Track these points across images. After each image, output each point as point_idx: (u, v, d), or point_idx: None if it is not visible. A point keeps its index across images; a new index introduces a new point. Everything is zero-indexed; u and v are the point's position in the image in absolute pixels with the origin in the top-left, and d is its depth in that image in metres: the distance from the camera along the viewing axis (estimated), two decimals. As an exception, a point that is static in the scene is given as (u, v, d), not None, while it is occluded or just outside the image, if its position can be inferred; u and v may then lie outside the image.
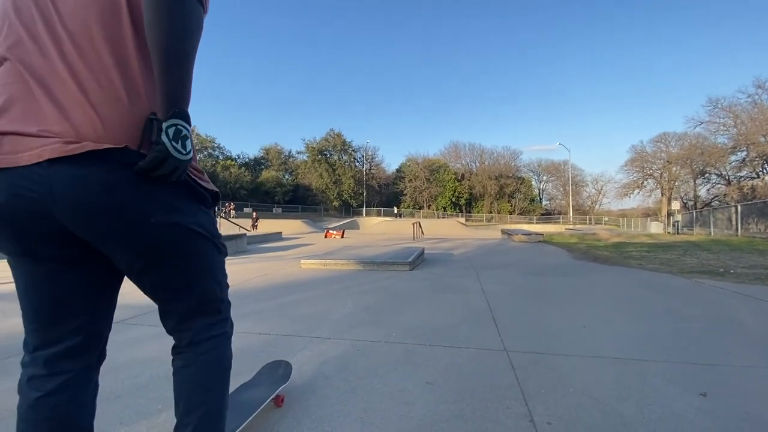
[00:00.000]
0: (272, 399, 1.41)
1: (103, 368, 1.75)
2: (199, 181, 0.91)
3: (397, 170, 60.05)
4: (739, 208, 14.29)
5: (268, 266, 5.71)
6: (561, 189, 57.77)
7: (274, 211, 42.46)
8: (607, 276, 5.01)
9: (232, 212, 29.67)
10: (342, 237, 15.29)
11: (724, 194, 38.43)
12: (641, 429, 1.34)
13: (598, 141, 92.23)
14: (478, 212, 54.66)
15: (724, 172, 40.79)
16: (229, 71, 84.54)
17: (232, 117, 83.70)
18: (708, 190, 42.81)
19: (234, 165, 50.03)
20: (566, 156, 56.54)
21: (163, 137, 0.72)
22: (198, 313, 0.96)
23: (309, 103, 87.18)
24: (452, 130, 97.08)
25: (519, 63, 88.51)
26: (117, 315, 2.78)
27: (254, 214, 29.16)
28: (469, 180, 56.14)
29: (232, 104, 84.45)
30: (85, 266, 0.83)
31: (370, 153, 57.80)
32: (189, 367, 0.94)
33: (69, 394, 0.83)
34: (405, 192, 55.54)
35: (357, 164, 56.66)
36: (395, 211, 42.83)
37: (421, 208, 54.35)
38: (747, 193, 35.25)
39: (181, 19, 0.72)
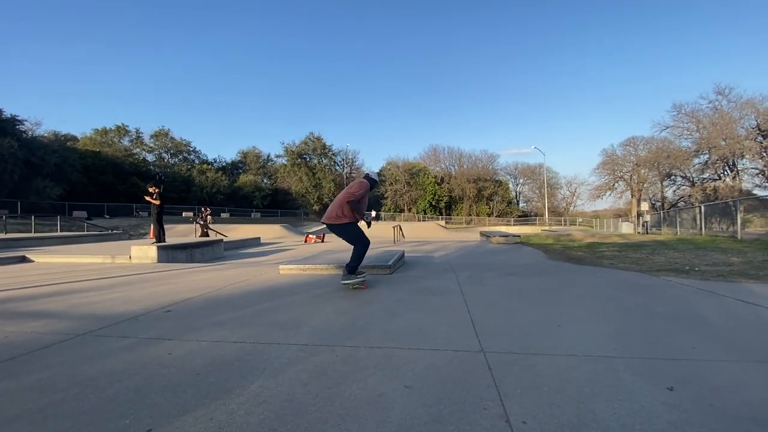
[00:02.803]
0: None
1: (71, 382, 1.67)
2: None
3: (378, 174, 60.05)
4: (702, 208, 15.02)
5: (246, 272, 5.60)
6: (537, 191, 59.28)
7: (252, 216, 41.73)
8: (580, 276, 5.16)
9: (209, 218, 29.01)
10: (322, 241, 15.15)
11: (689, 195, 40.37)
12: (612, 424, 1.37)
13: (572, 145, 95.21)
14: (457, 215, 55.37)
15: (688, 174, 42.88)
16: (204, 73, 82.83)
17: (208, 120, 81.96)
18: (674, 191, 44.91)
19: (211, 169, 48.93)
20: (541, 159, 58.08)
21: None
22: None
23: (288, 107, 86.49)
24: (432, 134, 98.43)
25: (495, 70, 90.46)
26: (85, 326, 2.66)
27: (204, 210, 28.23)
28: (448, 183, 56.85)
29: (208, 107, 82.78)
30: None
31: (350, 157, 57.81)
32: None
33: None
34: (386, 195, 55.69)
35: (337, 168, 56.51)
36: (373, 215, 42.75)
37: (401, 211, 54.61)
38: (710, 194, 37.12)
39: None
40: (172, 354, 2.15)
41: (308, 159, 55.49)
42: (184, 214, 32.19)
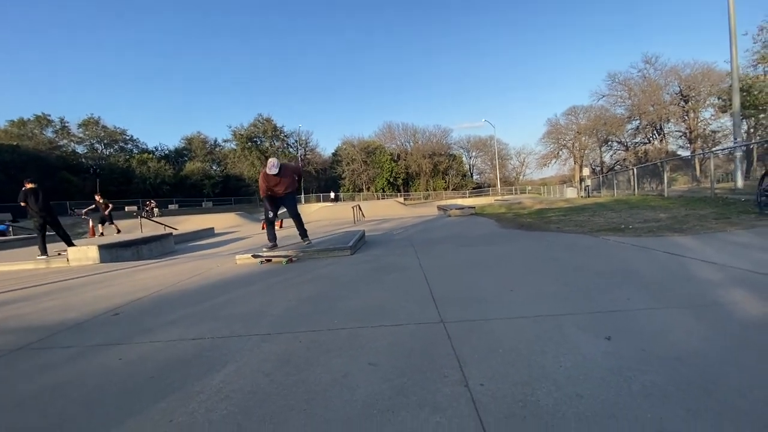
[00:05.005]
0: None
1: (8, 403, 1.54)
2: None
3: (334, 154, 59.19)
4: (635, 170, 16.35)
5: (200, 265, 5.36)
6: (489, 163, 61.37)
7: (203, 206, 39.69)
8: (530, 241, 5.48)
9: (155, 210, 27.17)
10: (281, 227, 14.81)
11: (624, 159, 43.77)
12: (559, 377, 1.50)
13: (520, 116, 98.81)
14: (415, 191, 56.16)
15: (623, 140, 46.35)
16: (137, 56, 75.32)
17: (145, 107, 75.48)
18: (611, 156, 48.51)
19: (152, 158, 45.53)
20: (492, 132, 59.95)
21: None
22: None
23: (233, 88, 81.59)
24: (386, 111, 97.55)
25: (441, 45, 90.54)
26: (19, 341, 2.43)
27: (149, 203, 26.75)
28: (404, 160, 57.20)
29: (143, 93, 75.92)
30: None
31: (303, 138, 56.15)
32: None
33: None
34: (343, 176, 55.11)
35: (291, 150, 54.78)
36: (332, 196, 42.28)
37: (360, 190, 54.42)
38: (641, 156, 40.44)
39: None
40: (124, 359, 2.04)
41: (259, 142, 53.22)
42: (126, 208, 29.92)
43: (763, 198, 5.70)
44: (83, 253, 6.73)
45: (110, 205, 13.56)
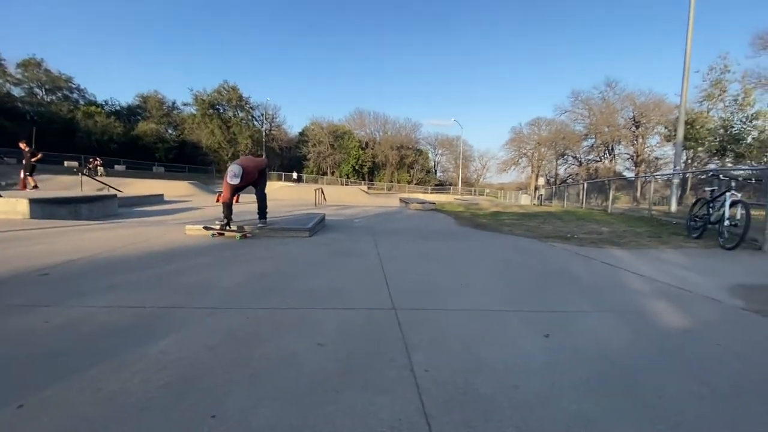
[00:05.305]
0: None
1: None
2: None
3: (300, 134, 57.55)
4: (585, 185, 17.44)
5: (146, 232, 5.04)
6: (453, 162, 62.64)
7: (154, 171, 37.31)
8: (484, 240, 5.69)
9: (100, 169, 25.03)
10: (237, 202, 14.24)
11: (577, 173, 46.53)
12: (499, 366, 1.58)
13: (487, 120, 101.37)
14: (380, 181, 56.20)
15: (578, 155, 49.19)
16: (88, -6, 67.88)
17: (97, 53, 68.69)
18: (566, 169, 51.38)
19: (100, 113, 41.89)
20: (459, 132, 61.12)
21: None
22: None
23: (199, 50, 76.42)
24: (358, 97, 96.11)
25: (420, 40, 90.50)
26: None
27: (93, 160, 24.53)
28: (372, 149, 56.90)
29: (96, 37, 68.96)
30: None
31: (270, 112, 54.02)
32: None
33: None
34: (308, 157, 53.85)
35: (255, 123, 52.52)
36: (294, 176, 41.26)
37: (324, 174, 53.55)
38: (592, 173, 43.19)
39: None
40: (51, 322, 1.88)
41: (222, 110, 50.43)
42: (66, 163, 27.36)
43: (692, 223, 6.30)
44: (11, 206, 6.08)
45: (39, 155, 12.08)
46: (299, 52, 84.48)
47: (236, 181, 4.67)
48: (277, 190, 22.39)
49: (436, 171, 65.31)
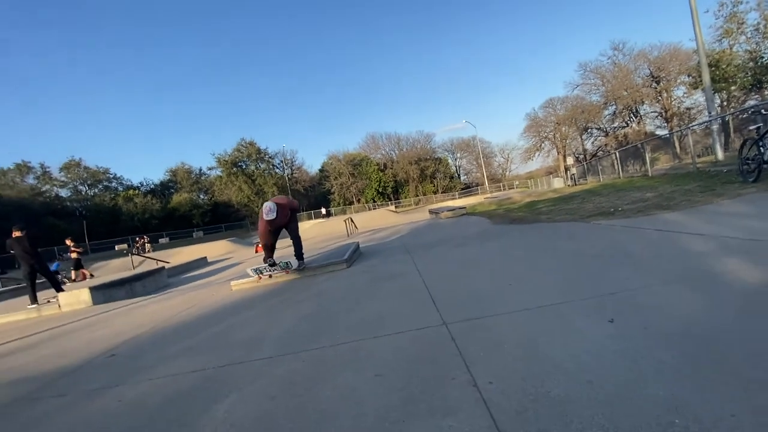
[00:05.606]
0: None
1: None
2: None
3: (320, 170, 59.26)
4: (617, 154, 16.62)
5: (195, 296, 5.27)
6: (474, 163, 61.88)
7: (194, 236, 39.28)
8: (523, 234, 5.50)
9: (147, 246, 26.75)
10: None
11: (605, 144, 44.51)
12: (569, 365, 1.48)
13: (499, 114, 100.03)
14: (405, 197, 56.32)
15: (602, 126, 47.24)
16: (113, 94, 74.79)
17: (126, 143, 74.87)
18: (592, 142, 49.32)
19: (138, 194, 45.20)
20: (473, 132, 60.62)
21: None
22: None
23: (213, 115, 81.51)
24: (368, 123, 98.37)
25: (411, 52, 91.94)
26: (13, 393, 2.33)
27: (140, 239, 26.74)
28: (391, 168, 57.43)
29: (123, 130, 75.26)
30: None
31: (288, 157, 56.15)
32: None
33: None
34: (332, 190, 55.10)
35: (277, 170, 54.69)
36: (323, 212, 42.15)
37: (351, 203, 54.41)
38: (622, 140, 41.18)
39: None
40: (123, 400, 1.97)
41: (244, 166, 53.05)
42: (117, 247, 29.46)
43: (745, 167, 5.81)
44: (75, 297, 6.57)
45: (79, 249, 13.25)
46: (306, 95, 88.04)
47: (272, 216, 4.79)
48: (309, 228, 22.91)
49: (459, 175, 64.68)
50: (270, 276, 5.15)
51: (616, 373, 1.36)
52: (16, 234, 6.86)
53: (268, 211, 4.84)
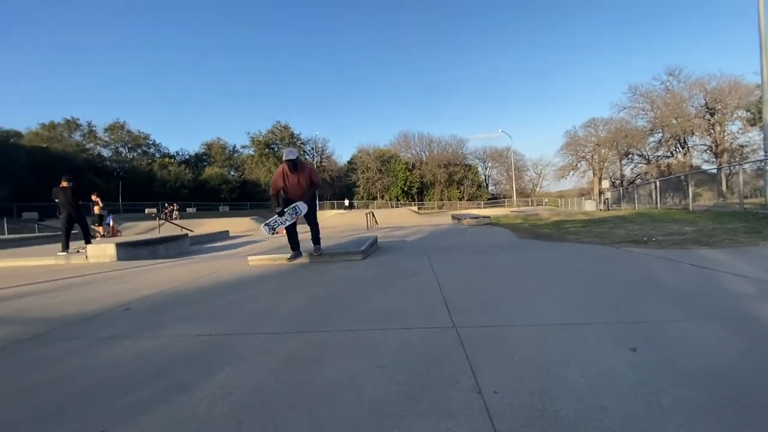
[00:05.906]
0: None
1: (9, 390, 1.52)
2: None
3: (349, 162, 59.59)
4: (657, 183, 15.87)
5: (213, 266, 5.39)
6: (505, 174, 60.67)
7: (220, 210, 40.39)
8: (547, 251, 5.31)
9: (175, 213, 27.78)
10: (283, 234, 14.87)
11: (645, 172, 42.59)
12: (581, 387, 1.39)
13: (537, 128, 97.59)
14: (429, 200, 55.90)
15: (644, 153, 45.19)
16: (162, 63, 77.89)
17: (168, 111, 77.64)
18: (632, 169, 47.29)
19: (173, 163, 46.85)
20: (508, 143, 59.31)
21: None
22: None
23: (252, 94, 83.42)
24: (402, 121, 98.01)
25: (458, 59, 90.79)
26: (31, 331, 2.44)
27: (169, 206, 27.69)
28: (419, 169, 57.11)
29: (167, 98, 78.18)
30: None
31: (320, 145, 56.75)
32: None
33: None
34: (358, 184, 55.34)
35: (307, 157, 55.39)
36: (346, 203, 42.37)
37: (374, 198, 54.51)
38: (664, 170, 39.29)
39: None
40: (129, 353, 2.01)
41: (276, 149, 53.99)
42: (147, 210, 30.69)
43: (798, 212, 5.41)
44: (102, 251, 6.86)
45: (101, 205, 13.79)
46: (343, 85, 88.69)
47: (292, 156, 4.87)
48: (331, 218, 23.10)
49: (487, 185, 63.62)
50: (284, 231, 5.18)
51: (633, 403, 1.26)
52: (64, 184, 7.35)
53: (289, 152, 4.92)
